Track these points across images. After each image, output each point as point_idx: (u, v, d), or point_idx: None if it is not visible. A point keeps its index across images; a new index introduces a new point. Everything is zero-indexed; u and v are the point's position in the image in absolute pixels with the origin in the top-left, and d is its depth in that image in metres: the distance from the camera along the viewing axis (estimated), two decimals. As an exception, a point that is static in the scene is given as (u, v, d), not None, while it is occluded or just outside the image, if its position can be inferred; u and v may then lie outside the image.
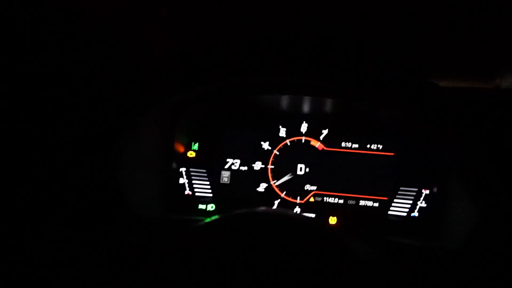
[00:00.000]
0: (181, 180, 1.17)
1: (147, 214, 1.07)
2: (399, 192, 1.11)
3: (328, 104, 1.11)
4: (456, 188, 1.03)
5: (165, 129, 1.12)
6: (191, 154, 1.18)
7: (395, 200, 1.12)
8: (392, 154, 1.12)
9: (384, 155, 1.13)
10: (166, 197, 1.15)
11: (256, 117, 1.18)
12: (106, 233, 0.97)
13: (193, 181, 1.17)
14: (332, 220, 1.13)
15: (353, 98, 0.97)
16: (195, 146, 1.18)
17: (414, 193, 1.10)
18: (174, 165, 1.17)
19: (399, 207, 1.11)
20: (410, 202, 1.11)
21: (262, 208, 0.80)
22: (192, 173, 1.17)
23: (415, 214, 1.10)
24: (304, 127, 1.16)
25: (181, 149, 1.17)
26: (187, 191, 1.17)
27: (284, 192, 1.16)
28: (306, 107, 1.14)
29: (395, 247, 1.05)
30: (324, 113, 1.15)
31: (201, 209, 1.17)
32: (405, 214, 1.11)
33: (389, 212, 1.12)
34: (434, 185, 1.08)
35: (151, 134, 1.08)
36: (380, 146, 1.13)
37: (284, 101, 1.14)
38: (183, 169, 1.17)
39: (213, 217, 0.90)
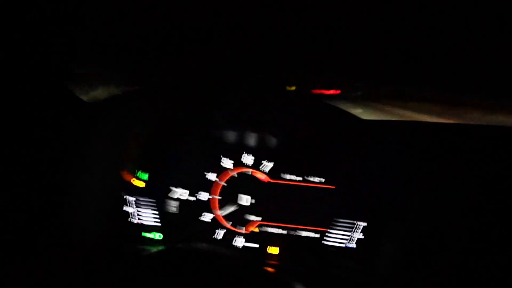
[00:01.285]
0: (129, 209, 1.20)
1: (92, 244, 1.09)
2: (338, 224, 1.17)
3: (272, 138, 1.17)
4: (390, 222, 1.10)
5: (112, 157, 1.14)
6: (139, 183, 1.20)
7: (333, 231, 1.17)
8: (333, 187, 1.18)
9: (326, 187, 1.18)
10: (112, 226, 1.17)
11: (204, 148, 1.22)
12: (49, 261, 0.98)
13: (141, 210, 1.20)
14: (274, 250, 1.18)
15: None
16: (144, 176, 1.20)
17: (352, 225, 1.16)
18: (122, 194, 1.19)
19: (337, 238, 1.17)
20: (348, 233, 1.16)
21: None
22: (139, 202, 1.20)
23: (353, 245, 1.16)
24: (250, 160, 1.20)
25: (129, 177, 1.20)
26: (135, 220, 1.20)
27: (230, 223, 1.20)
28: (252, 140, 1.19)
29: (332, 278, 1.11)
30: (269, 146, 1.19)
31: (148, 238, 1.19)
32: (342, 245, 1.17)
33: (328, 243, 1.18)
34: (371, 218, 1.15)
35: (97, 161, 1.10)
36: (322, 180, 1.19)
37: (231, 134, 1.18)
38: (131, 198, 1.20)
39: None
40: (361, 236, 1.16)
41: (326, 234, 1.18)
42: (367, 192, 1.13)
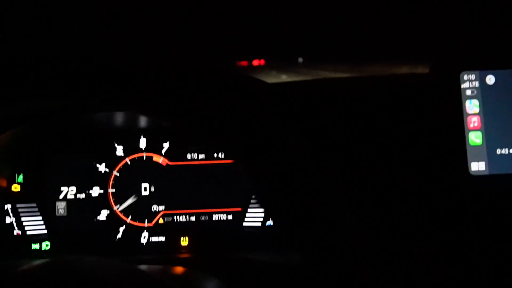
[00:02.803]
0: (8, 219, 1.01)
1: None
2: (252, 201, 1.04)
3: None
4: (302, 190, 0.97)
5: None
6: (15, 187, 1.02)
7: (249, 210, 1.04)
8: (241, 161, 1.04)
9: (233, 162, 1.04)
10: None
11: (88, 137, 1.05)
12: None
13: (22, 219, 1.02)
14: (184, 241, 1.03)
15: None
16: (20, 178, 1.02)
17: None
18: (-4, 203, 1.00)
19: (254, 217, 1.04)
20: (264, 210, 1.03)
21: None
22: (19, 210, 1.02)
23: (270, 222, 1.03)
24: (143, 143, 1.04)
25: (2, 183, 1.01)
26: (16, 231, 1.01)
27: (130, 217, 1.04)
28: (142, 121, 1.03)
29: (251, 264, 0.98)
30: (163, 125, 1.03)
31: (35, 249, 1.02)
32: (259, 224, 1.04)
33: (244, 224, 1.04)
34: (283, 189, 1.02)
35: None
36: (228, 154, 1.04)
37: (117, 117, 1.01)
38: (8, 206, 1.01)
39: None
40: (278, 210, 1.03)
41: (242, 214, 1.04)
42: (275, 161, 0.99)
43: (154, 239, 1.04)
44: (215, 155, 1.05)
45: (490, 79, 0.83)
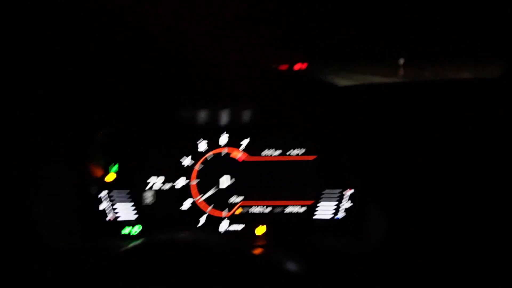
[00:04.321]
0: (102, 205, 1.12)
1: (67, 245, 1.02)
2: (324, 195, 1.12)
3: (247, 114, 1.10)
4: (377, 187, 1.04)
5: (78, 154, 1.07)
6: (111, 176, 1.13)
7: (320, 203, 1.12)
8: (314, 157, 1.12)
9: (306, 159, 1.13)
10: (87, 225, 1.10)
11: (175, 132, 1.15)
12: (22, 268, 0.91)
13: (115, 205, 1.13)
14: (261, 230, 1.12)
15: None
16: (115, 168, 1.13)
17: (337, 195, 1.11)
18: (93, 190, 1.12)
19: (324, 210, 1.12)
20: (335, 204, 1.11)
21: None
22: (113, 196, 1.13)
23: (341, 215, 1.11)
24: (224, 139, 1.14)
25: (99, 172, 1.12)
26: (110, 216, 1.12)
27: (210, 207, 1.13)
28: (224, 118, 1.12)
29: (321, 251, 1.05)
30: (243, 122, 1.13)
31: (125, 233, 1.12)
32: (330, 216, 1.11)
33: (315, 216, 1.12)
34: (357, 184, 1.09)
35: (63, 160, 1.03)
36: (302, 151, 1.13)
37: (202, 114, 1.11)
38: (103, 193, 1.12)
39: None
40: (349, 204, 1.11)
41: (313, 207, 1.12)
42: (350, 158, 1.07)
43: (232, 228, 1.13)
44: (289, 151, 1.14)
45: (562, 83, 0.89)
